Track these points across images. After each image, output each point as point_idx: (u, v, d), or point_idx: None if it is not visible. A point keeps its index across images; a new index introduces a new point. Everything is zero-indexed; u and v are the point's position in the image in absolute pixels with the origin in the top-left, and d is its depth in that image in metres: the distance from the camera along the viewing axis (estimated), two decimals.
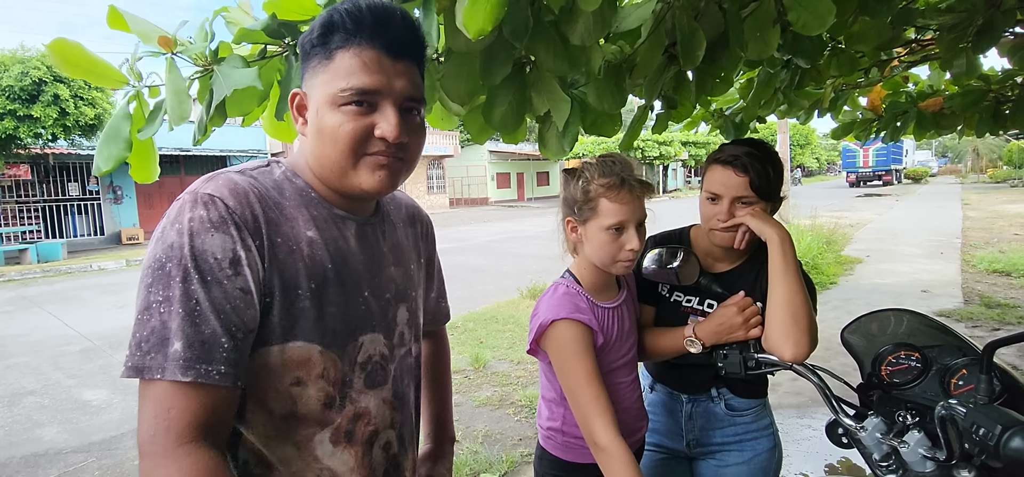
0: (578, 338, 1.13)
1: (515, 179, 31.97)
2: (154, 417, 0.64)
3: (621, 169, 1.13)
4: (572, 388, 1.12)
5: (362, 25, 0.74)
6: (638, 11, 1.20)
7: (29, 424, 3.73)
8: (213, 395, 0.66)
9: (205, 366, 0.65)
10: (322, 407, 0.78)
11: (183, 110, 0.99)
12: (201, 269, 0.67)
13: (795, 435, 3.06)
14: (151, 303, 0.66)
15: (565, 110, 1.20)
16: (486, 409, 3.60)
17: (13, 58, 11.08)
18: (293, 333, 0.74)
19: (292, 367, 0.75)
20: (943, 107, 2.54)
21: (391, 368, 0.87)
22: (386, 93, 0.75)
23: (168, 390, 0.64)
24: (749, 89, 2.17)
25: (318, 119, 0.76)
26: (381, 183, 0.77)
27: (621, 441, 1.06)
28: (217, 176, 0.74)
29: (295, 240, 0.75)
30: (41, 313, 7.16)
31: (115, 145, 1.05)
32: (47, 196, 15.56)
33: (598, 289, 1.21)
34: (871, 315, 1.15)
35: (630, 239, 1.12)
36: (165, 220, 0.70)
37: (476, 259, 10.22)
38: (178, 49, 1.01)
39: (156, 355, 0.64)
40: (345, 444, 0.81)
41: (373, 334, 0.83)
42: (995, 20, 1.68)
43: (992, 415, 0.80)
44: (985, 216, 14.26)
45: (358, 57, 0.74)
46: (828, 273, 7.35)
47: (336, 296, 0.78)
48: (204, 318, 0.66)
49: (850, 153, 33.54)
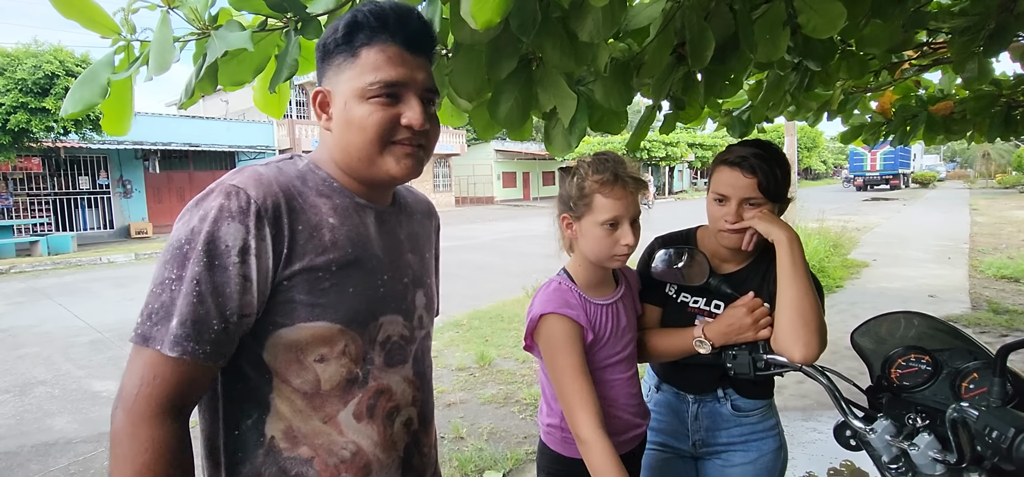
0: (565, 332, 1.15)
1: (521, 178, 31.97)
2: (141, 379, 0.70)
3: (615, 165, 1.15)
4: (558, 381, 1.15)
5: (386, 23, 0.79)
6: (647, 10, 1.20)
7: (40, 414, 3.77)
8: (194, 370, 0.72)
9: (193, 344, 0.70)
10: (345, 382, 0.82)
11: (164, 60, 0.95)
12: (210, 254, 0.71)
13: (800, 437, 3.05)
14: (164, 279, 0.72)
15: (571, 107, 1.20)
16: (491, 406, 3.61)
17: (26, 52, 11.21)
18: (316, 313, 0.78)
19: (316, 344, 0.79)
20: (954, 111, 2.52)
21: (412, 349, 0.92)
22: (410, 85, 0.81)
23: (159, 360, 0.70)
24: (758, 91, 2.16)
25: (346, 112, 0.81)
26: (408, 169, 0.83)
27: (603, 435, 1.08)
28: (244, 169, 0.79)
29: (317, 226, 0.79)
30: (51, 304, 7.23)
31: (89, 89, 1.01)
32: (58, 189, 15.72)
33: (592, 285, 1.23)
34: (881, 317, 1.15)
35: (625, 234, 1.14)
36: (192, 203, 0.75)
37: (482, 257, 10.24)
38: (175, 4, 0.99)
39: (161, 327, 0.70)
40: (367, 419, 0.85)
41: (392, 315, 0.88)
42: (1008, 24, 1.66)
43: (1006, 418, 0.80)
44: (993, 221, 14.13)
45: (383, 53, 0.79)
46: (835, 276, 7.31)
47: (357, 279, 0.82)
48: (202, 300, 0.71)
49: (857, 156, 33.31)
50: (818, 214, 11.11)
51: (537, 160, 31.74)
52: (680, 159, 29.97)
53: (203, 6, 1.02)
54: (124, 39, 1.02)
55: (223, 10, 1.06)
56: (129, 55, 1.05)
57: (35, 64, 10.96)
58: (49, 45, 11.46)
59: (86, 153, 15.70)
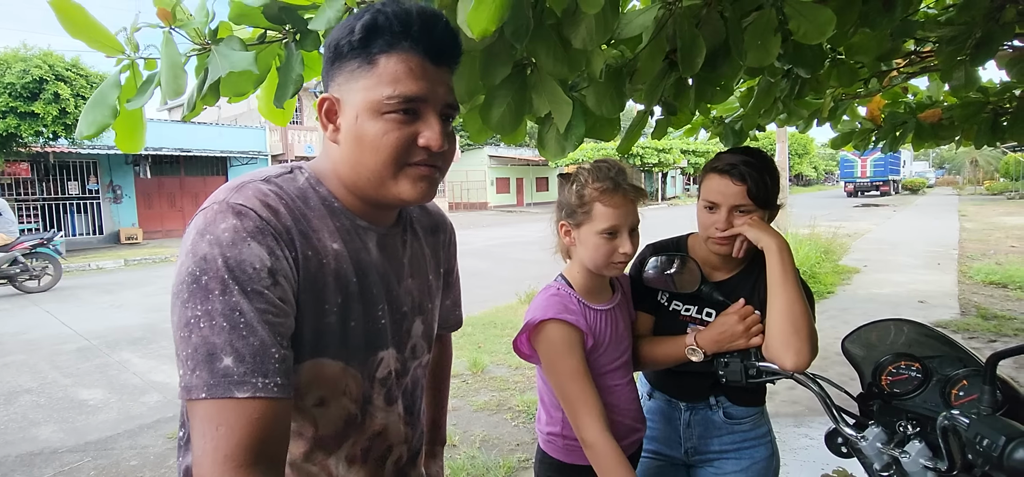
0: (566, 338, 1.15)
1: (514, 184, 31.99)
2: (202, 437, 0.60)
3: (616, 174, 1.15)
4: (561, 386, 1.15)
5: (409, 29, 0.71)
6: (640, 17, 1.21)
7: (25, 423, 3.71)
8: (269, 410, 0.62)
9: (261, 379, 0.62)
10: (343, 425, 0.77)
11: (178, 85, 0.97)
12: (239, 279, 0.63)
13: (792, 444, 3.05)
14: (189, 319, 0.62)
15: (566, 112, 1.20)
16: (484, 413, 3.59)
17: (15, 56, 11.10)
18: (320, 349, 0.72)
19: (317, 385, 0.74)
20: (942, 118, 2.55)
21: (404, 382, 0.86)
22: (430, 100, 0.73)
23: (216, 408, 0.60)
24: (749, 97, 2.18)
25: (357, 127, 0.72)
26: (422, 193, 0.75)
27: (610, 438, 1.09)
28: (244, 186, 0.70)
29: (323, 253, 0.73)
30: (38, 311, 7.13)
31: (100, 111, 1.04)
32: (46, 194, 15.54)
33: (591, 292, 1.23)
34: (871, 325, 1.15)
35: (623, 243, 1.15)
36: (193, 231, 0.66)
37: (475, 263, 10.22)
38: (177, 24, 1.00)
39: (202, 371, 0.61)
40: (360, 463, 0.80)
41: (388, 349, 0.82)
42: (993, 33, 1.69)
43: (996, 426, 0.80)
44: (982, 228, 14.30)
45: (404, 63, 0.71)
46: (826, 282, 7.36)
47: (358, 311, 0.76)
48: (251, 329, 0.62)
49: (848, 163, 33.65)
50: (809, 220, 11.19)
51: (531, 166, 31.79)
52: (673, 165, 30.13)
53: (203, 22, 1.03)
54: (128, 57, 1.04)
55: (222, 24, 1.07)
56: (135, 73, 1.07)
57: (24, 68, 10.85)
58: (38, 49, 11.36)
59: (76, 158, 15.54)
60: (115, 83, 1.05)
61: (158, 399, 4.06)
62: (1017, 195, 29.39)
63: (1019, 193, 29.96)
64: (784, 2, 1.15)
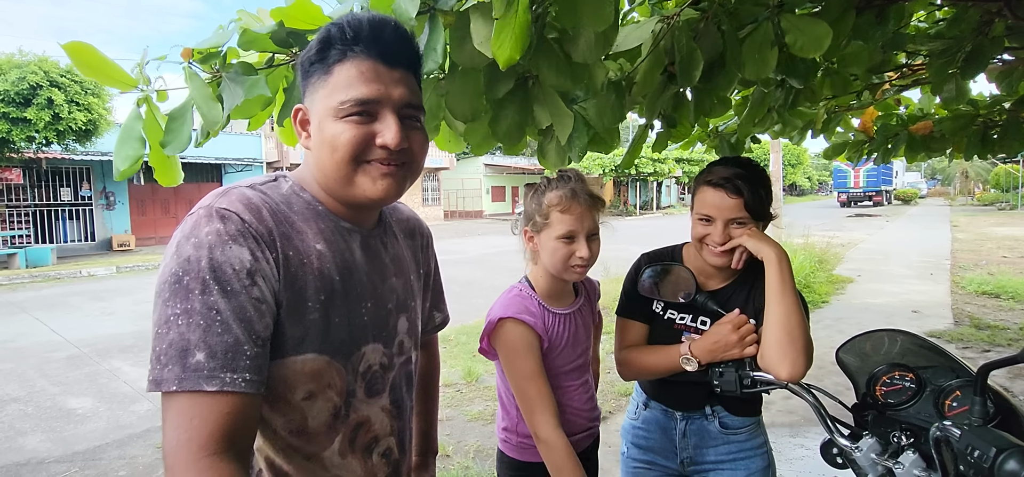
0: (524, 338, 1.22)
1: (510, 193, 32.04)
2: (175, 428, 0.64)
3: (574, 183, 1.23)
4: (517, 384, 1.22)
5: (359, 36, 0.76)
6: (638, 30, 1.22)
7: (11, 432, 3.65)
8: (237, 403, 0.66)
9: (230, 374, 0.65)
10: (331, 418, 0.80)
11: (214, 116, 1.03)
12: (220, 280, 0.67)
13: (788, 454, 3.05)
14: (169, 316, 0.65)
15: (568, 124, 1.22)
16: (478, 423, 3.57)
17: (10, 62, 11.05)
18: (303, 345, 0.76)
19: (304, 380, 0.77)
20: (933, 130, 2.58)
21: (390, 376, 0.89)
22: (385, 101, 0.77)
23: (189, 401, 0.64)
24: (743, 107, 2.20)
25: (320, 131, 0.77)
26: (386, 191, 0.79)
27: (561, 434, 1.17)
28: (230, 191, 0.75)
29: (305, 253, 0.77)
30: (27, 319, 7.05)
31: (131, 146, 1.10)
32: (38, 201, 15.41)
33: (552, 295, 1.30)
34: (865, 335, 1.16)
35: (581, 247, 1.21)
36: (179, 234, 0.70)
37: (470, 272, 10.20)
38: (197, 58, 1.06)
39: (174, 367, 0.64)
40: (350, 453, 0.83)
41: (374, 344, 0.85)
42: (983, 47, 1.71)
43: (987, 437, 0.81)
44: (973, 238, 14.42)
45: (356, 68, 0.75)
46: (820, 292, 7.39)
47: (342, 308, 0.80)
48: (226, 326, 0.66)
49: (841, 174, 33.94)
50: (803, 230, 11.26)
51: (526, 174, 31.86)
52: (668, 174, 30.29)
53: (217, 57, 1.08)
54: (142, 90, 1.09)
55: (230, 50, 1.11)
56: (151, 106, 1.12)
57: (20, 74, 10.80)
58: (34, 55, 11.31)
59: (69, 164, 15.44)
60: (136, 116, 1.11)
61: (148, 408, 4.01)
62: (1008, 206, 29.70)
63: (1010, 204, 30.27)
64: (780, 16, 1.17)
